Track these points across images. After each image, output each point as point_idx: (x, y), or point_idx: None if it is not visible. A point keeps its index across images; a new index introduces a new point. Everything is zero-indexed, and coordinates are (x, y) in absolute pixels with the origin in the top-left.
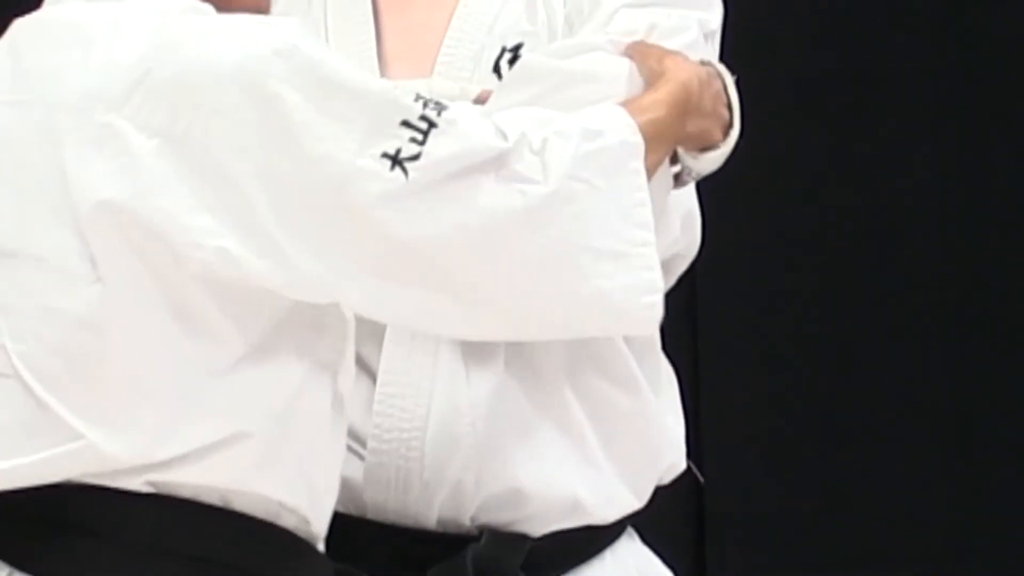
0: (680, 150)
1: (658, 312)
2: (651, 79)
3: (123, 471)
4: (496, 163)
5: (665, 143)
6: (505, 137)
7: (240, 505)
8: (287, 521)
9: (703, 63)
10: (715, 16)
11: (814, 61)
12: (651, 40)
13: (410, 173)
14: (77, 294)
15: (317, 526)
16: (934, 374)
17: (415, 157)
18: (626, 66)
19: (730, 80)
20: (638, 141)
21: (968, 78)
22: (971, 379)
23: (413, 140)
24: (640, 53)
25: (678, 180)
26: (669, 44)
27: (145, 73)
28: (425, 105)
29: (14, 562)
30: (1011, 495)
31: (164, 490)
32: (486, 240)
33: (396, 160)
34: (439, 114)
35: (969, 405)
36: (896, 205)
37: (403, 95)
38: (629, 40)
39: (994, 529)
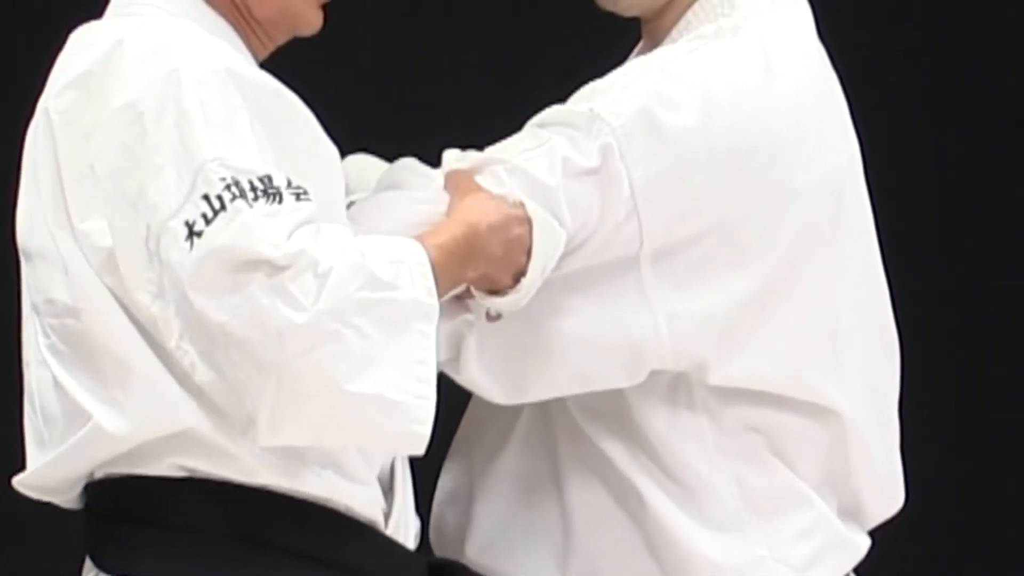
0: (472, 288)
1: (420, 445)
2: (448, 213)
3: (144, 455)
4: (268, 270)
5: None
6: (278, 247)
7: (272, 482)
8: (333, 504)
9: (515, 204)
10: (591, 148)
11: None
12: (488, 171)
13: (193, 248)
14: (61, 283)
15: (367, 510)
16: (935, 374)
17: (200, 234)
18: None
19: (545, 228)
20: (432, 303)
21: (968, 78)
22: (972, 379)
23: (204, 216)
24: (453, 183)
25: (487, 316)
26: (508, 181)
27: (87, 73)
28: (228, 186)
29: (93, 558)
30: (1011, 495)
31: (199, 474)
32: (251, 343)
33: (191, 230)
34: (234, 199)
35: (970, 405)
36: (895, 205)
37: (216, 166)
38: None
39: (994, 529)
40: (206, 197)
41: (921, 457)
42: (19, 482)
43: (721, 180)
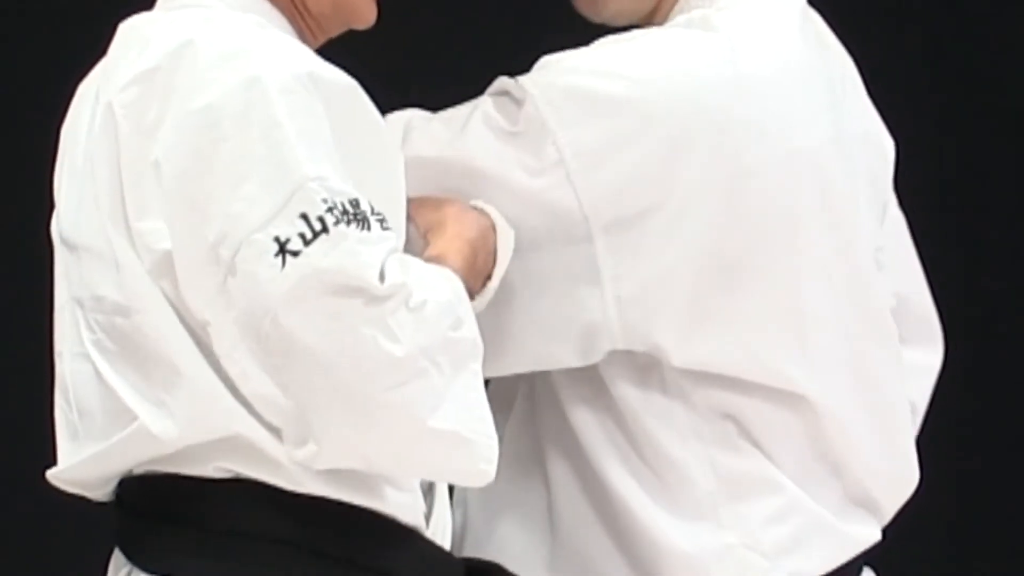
0: None
1: (488, 476)
2: (428, 217)
3: (189, 457)
4: (367, 299)
5: None
6: (383, 278)
7: (318, 491)
8: (377, 509)
9: (480, 211)
10: (516, 114)
11: None
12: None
13: (287, 267)
14: (111, 281)
15: (410, 516)
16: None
17: (296, 253)
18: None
19: (505, 233)
20: (480, 343)
21: (968, 78)
22: (972, 379)
23: (301, 236)
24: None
25: None
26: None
27: (154, 69)
28: (331, 209)
29: (128, 555)
30: (1013, 495)
31: (244, 477)
32: (340, 370)
33: (283, 248)
34: (336, 223)
35: (971, 405)
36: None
37: (317, 187)
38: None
39: (995, 530)
40: (304, 216)
41: (922, 456)
42: (53, 476)
43: (662, 154)
